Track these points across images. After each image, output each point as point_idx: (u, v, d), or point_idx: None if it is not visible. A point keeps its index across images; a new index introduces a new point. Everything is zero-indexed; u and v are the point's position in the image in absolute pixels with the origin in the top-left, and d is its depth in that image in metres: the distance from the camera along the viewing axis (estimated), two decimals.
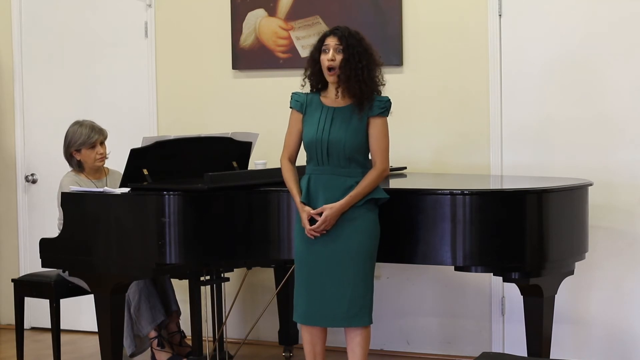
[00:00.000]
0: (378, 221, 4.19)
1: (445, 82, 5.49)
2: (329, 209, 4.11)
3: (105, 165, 5.32)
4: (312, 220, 4.14)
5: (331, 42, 4.14)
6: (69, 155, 5.23)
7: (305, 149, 4.23)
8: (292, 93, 4.28)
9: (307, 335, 4.27)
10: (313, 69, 4.21)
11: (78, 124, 5.26)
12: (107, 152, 5.26)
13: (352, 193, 4.12)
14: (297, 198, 4.19)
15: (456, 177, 5.18)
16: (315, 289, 4.17)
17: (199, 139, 5.04)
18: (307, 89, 4.28)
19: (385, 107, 4.16)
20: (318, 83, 4.23)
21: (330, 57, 4.12)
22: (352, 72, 4.09)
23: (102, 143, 5.23)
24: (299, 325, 5.55)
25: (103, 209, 4.57)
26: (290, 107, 4.28)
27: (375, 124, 4.16)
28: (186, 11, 6.09)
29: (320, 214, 4.12)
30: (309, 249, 4.18)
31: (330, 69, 4.13)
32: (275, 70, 5.84)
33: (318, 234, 4.13)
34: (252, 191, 4.49)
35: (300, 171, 4.28)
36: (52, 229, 5.17)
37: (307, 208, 4.15)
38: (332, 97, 4.19)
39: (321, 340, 4.29)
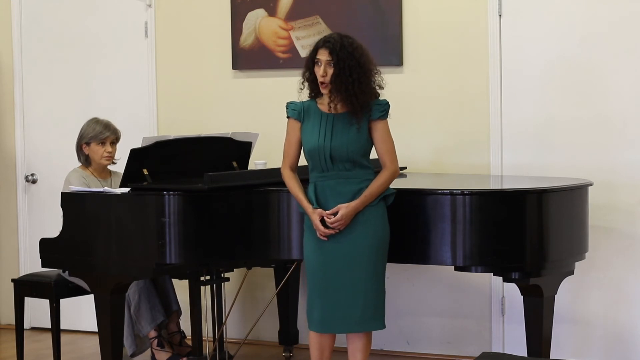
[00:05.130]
0: (387, 221, 4.19)
1: (445, 82, 5.49)
2: (345, 208, 4.08)
3: (109, 167, 5.32)
4: (323, 223, 4.11)
5: (322, 56, 4.11)
6: (79, 149, 5.24)
7: (307, 157, 4.19)
8: (287, 103, 4.26)
9: (316, 342, 4.22)
10: (309, 76, 4.20)
11: (95, 120, 5.30)
12: (117, 158, 5.26)
13: (366, 193, 4.10)
14: (305, 203, 4.15)
15: (456, 177, 5.18)
16: (329, 294, 4.13)
17: (199, 139, 5.03)
18: (305, 92, 4.26)
19: (384, 109, 4.17)
20: (315, 89, 4.22)
21: (322, 72, 4.10)
22: (343, 86, 4.08)
23: (112, 143, 5.25)
24: (299, 326, 5.58)
25: (103, 209, 4.57)
26: (287, 117, 4.25)
27: (377, 128, 4.15)
28: (186, 11, 6.09)
29: (334, 214, 4.09)
30: (322, 255, 4.15)
31: (322, 82, 4.13)
32: (275, 70, 5.84)
33: (330, 233, 4.11)
34: (252, 191, 4.49)
35: (301, 177, 4.25)
36: (52, 229, 5.16)
37: (319, 210, 4.11)
38: (328, 105, 4.17)
39: (330, 346, 4.25)
